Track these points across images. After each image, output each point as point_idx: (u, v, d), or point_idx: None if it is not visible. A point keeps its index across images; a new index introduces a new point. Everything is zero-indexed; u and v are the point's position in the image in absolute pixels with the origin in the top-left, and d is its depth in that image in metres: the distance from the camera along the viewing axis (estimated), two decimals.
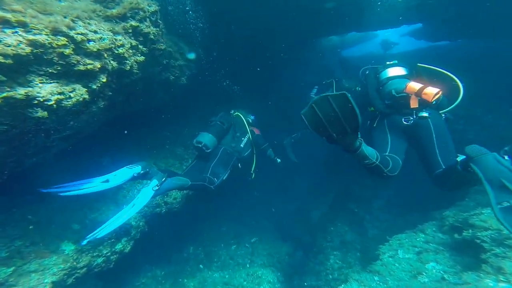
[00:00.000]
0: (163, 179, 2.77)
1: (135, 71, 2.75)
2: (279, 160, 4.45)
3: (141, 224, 3.86)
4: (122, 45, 2.57)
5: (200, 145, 3.51)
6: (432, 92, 2.54)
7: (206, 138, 3.58)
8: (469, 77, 2.88)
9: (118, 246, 3.63)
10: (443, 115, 2.88)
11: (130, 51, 2.66)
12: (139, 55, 2.76)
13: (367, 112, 3.17)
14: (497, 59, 6.42)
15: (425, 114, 2.69)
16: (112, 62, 2.51)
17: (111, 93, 2.71)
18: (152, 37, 2.92)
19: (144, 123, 4.37)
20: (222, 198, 6.45)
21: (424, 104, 2.68)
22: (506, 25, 5.60)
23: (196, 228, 5.86)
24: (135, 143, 4.26)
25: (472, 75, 5.67)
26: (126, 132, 3.88)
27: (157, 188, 2.70)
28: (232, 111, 4.44)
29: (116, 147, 3.94)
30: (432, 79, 2.83)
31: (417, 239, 3.43)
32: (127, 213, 2.53)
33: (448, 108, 2.82)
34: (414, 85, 2.67)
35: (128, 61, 2.65)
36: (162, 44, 3.18)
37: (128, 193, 3.83)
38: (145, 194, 2.65)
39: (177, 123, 5.08)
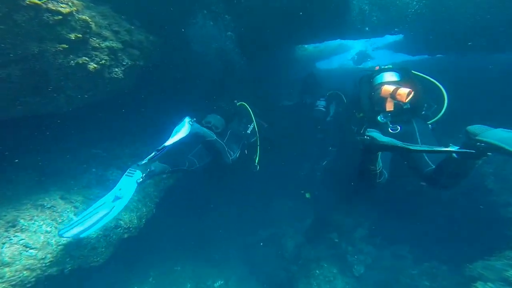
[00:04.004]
0: (193, 119, 2.90)
1: None
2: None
3: None
4: None
5: (210, 125, 3.29)
6: (405, 92, 2.46)
7: (216, 118, 3.43)
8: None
9: None
10: (430, 125, 2.77)
11: None
12: None
13: (356, 118, 3.08)
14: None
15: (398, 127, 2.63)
16: None
17: None
18: None
19: (54, 136, 2.81)
20: (175, 225, 5.07)
21: (399, 107, 2.60)
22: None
23: (137, 273, 4.26)
24: (33, 167, 2.68)
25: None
26: None
27: (191, 123, 2.84)
28: (236, 101, 4.11)
29: None
30: (421, 86, 2.77)
31: None
32: None
33: (435, 119, 2.76)
34: (388, 88, 2.59)
35: None
36: (63, 5, 1.75)
37: None
38: (183, 127, 2.78)
39: (115, 139, 3.56)
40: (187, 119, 2.87)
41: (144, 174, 2.60)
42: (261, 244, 5.63)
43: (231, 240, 5.60)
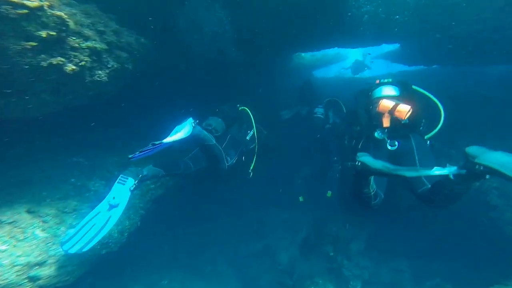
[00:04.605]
0: (196, 121, 2.82)
1: None
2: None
3: None
4: None
5: (210, 128, 3.18)
6: (405, 109, 2.39)
7: (217, 121, 3.31)
8: None
9: None
10: (428, 141, 2.69)
11: None
12: None
13: (354, 131, 2.98)
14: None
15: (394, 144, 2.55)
16: None
17: None
18: None
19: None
20: (163, 236, 4.76)
21: (396, 123, 2.51)
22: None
23: None
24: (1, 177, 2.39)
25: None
26: None
27: (193, 125, 2.74)
28: (238, 105, 3.99)
29: None
30: (420, 102, 2.66)
31: None
32: None
33: (431, 133, 2.73)
34: (387, 103, 2.49)
35: None
36: None
37: None
38: (185, 127, 2.68)
39: (101, 146, 3.30)
40: (190, 120, 2.78)
41: (136, 181, 2.51)
42: (253, 255, 5.33)
43: (223, 252, 5.29)
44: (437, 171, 1.75)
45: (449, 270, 4.36)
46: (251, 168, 3.76)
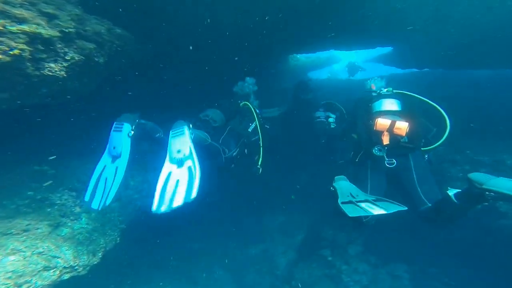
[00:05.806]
0: (190, 125, 2.29)
1: None
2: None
3: None
4: None
5: (208, 118, 2.93)
6: (404, 126, 2.18)
7: (215, 113, 3.02)
8: None
9: None
10: (426, 155, 2.46)
11: None
12: None
13: (352, 140, 2.70)
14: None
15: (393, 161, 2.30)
16: None
17: None
18: None
19: None
20: (152, 243, 4.12)
21: (396, 140, 2.24)
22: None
23: None
24: None
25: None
26: None
27: (191, 132, 2.23)
28: (239, 101, 3.61)
29: None
30: (422, 117, 2.43)
31: None
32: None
33: (432, 146, 2.41)
34: (384, 122, 2.26)
35: None
36: None
37: None
38: (180, 132, 2.18)
39: (72, 151, 2.66)
40: (187, 132, 2.18)
41: (133, 126, 2.21)
42: (250, 260, 4.69)
43: (219, 257, 4.66)
44: (394, 209, 1.65)
45: (449, 276, 3.79)
46: (259, 163, 3.21)
